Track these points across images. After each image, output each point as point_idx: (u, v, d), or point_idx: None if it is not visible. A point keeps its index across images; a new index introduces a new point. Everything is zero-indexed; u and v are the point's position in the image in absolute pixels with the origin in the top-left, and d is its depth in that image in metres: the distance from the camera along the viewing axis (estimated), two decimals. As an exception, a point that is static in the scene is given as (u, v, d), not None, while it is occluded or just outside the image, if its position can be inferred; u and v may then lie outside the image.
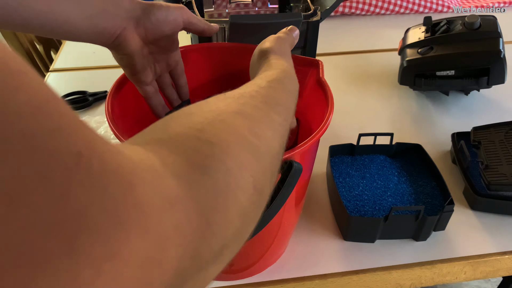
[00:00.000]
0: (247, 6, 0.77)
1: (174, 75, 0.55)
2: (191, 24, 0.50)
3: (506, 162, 0.64)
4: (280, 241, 0.56)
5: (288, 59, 0.40)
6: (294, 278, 0.56)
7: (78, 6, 0.42)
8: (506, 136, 0.69)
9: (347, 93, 0.91)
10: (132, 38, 0.47)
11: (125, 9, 0.45)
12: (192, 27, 0.51)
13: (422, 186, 0.64)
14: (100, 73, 0.98)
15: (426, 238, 0.60)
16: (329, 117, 0.46)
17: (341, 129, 0.79)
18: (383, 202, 0.62)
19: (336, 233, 0.62)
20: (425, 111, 0.86)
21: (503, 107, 0.87)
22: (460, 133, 0.74)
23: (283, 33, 0.45)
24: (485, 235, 0.61)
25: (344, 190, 0.64)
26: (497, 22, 0.83)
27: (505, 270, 0.60)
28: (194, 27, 0.51)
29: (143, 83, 0.51)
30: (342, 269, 0.57)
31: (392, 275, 0.57)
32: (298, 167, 0.40)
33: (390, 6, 1.23)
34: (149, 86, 0.52)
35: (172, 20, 0.48)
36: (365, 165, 0.68)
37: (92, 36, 0.45)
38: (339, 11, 1.22)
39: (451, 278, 0.60)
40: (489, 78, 0.80)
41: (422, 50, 0.83)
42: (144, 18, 0.47)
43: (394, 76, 0.92)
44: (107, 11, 0.44)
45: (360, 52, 1.07)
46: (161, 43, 0.50)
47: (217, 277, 0.56)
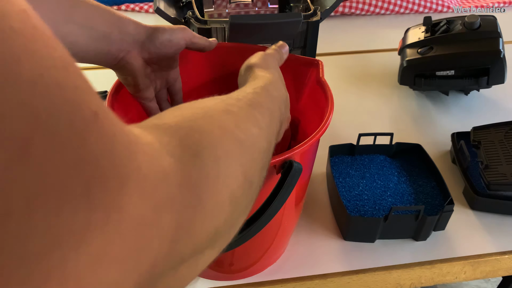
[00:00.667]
0: (247, 6, 0.77)
1: (171, 91, 0.57)
2: (193, 44, 0.52)
3: (506, 162, 0.64)
4: (280, 241, 0.56)
5: (274, 72, 0.42)
6: (294, 278, 0.56)
7: (84, 30, 0.43)
8: (506, 136, 0.69)
9: (347, 93, 0.91)
10: (136, 60, 0.48)
11: (130, 33, 0.46)
12: (194, 46, 0.52)
13: (422, 186, 0.65)
14: (100, 73, 0.98)
15: (426, 238, 0.60)
16: (329, 117, 0.46)
17: (341, 129, 0.80)
18: (383, 202, 0.62)
19: (336, 233, 0.62)
20: (425, 111, 0.86)
21: (503, 107, 0.87)
22: (460, 133, 0.74)
23: (271, 49, 0.47)
24: (485, 235, 0.62)
25: (344, 190, 0.64)
26: (497, 22, 0.83)
27: (505, 270, 0.60)
28: (196, 46, 0.52)
29: (146, 99, 0.52)
30: (342, 269, 0.57)
31: (392, 275, 0.57)
32: (298, 167, 0.40)
33: (390, 6, 1.23)
34: (152, 102, 0.53)
35: (176, 43, 0.49)
36: (365, 165, 0.68)
37: (96, 58, 0.46)
38: (339, 11, 1.22)
39: (451, 278, 0.60)
40: (489, 78, 0.80)
41: (422, 50, 0.83)
42: (149, 42, 0.48)
43: (394, 76, 0.92)
44: (112, 35, 0.45)
45: (360, 52, 1.07)
46: (163, 62, 0.51)
47: (217, 277, 0.56)
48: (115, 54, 0.46)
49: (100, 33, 0.44)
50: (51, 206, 0.13)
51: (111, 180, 0.15)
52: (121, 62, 0.47)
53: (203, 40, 0.53)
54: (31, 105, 0.13)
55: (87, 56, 0.45)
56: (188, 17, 0.70)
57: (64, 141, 0.14)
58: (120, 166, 0.16)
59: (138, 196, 0.16)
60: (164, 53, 0.49)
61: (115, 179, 0.15)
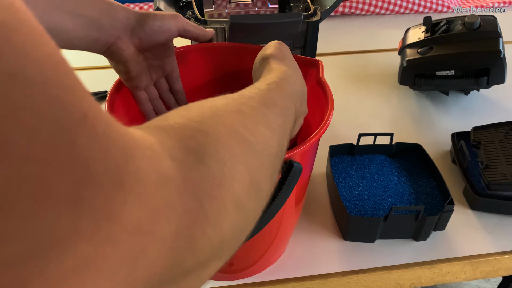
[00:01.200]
0: (247, 6, 0.77)
1: (169, 81, 0.56)
2: (187, 32, 0.51)
3: (506, 162, 0.64)
4: (280, 241, 0.56)
5: (290, 62, 0.41)
6: (294, 278, 0.56)
7: (73, 16, 0.42)
8: (506, 136, 0.69)
9: (347, 93, 0.91)
10: (126, 46, 0.47)
11: (119, 19, 0.46)
12: (188, 34, 0.51)
13: (422, 186, 0.65)
14: (100, 73, 0.98)
15: (426, 238, 0.60)
16: (329, 117, 0.46)
17: (341, 129, 0.79)
18: (383, 202, 0.62)
19: (336, 233, 0.62)
20: (425, 111, 0.86)
21: (503, 107, 0.87)
22: (460, 133, 0.74)
23: None
24: (485, 235, 0.61)
25: (344, 190, 0.64)
26: (497, 22, 0.83)
27: (505, 270, 0.60)
28: (189, 34, 0.51)
29: (137, 88, 0.51)
30: (342, 269, 0.57)
31: (392, 275, 0.57)
32: (298, 167, 0.40)
33: (390, 6, 1.23)
34: (142, 91, 0.52)
35: (167, 29, 0.49)
36: (365, 165, 0.68)
37: (86, 45, 0.45)
38: (339, 11, 1.22)
39: (451, 278, 0.60)
40: (489, 78, 0.80)
41: (422, 50, 0.83)
42: (139, 28, 0.47)
43: (394, 76, 0.92)
44: (101, 22, 0.45)
45: (360, 52, 1.07)
46: (156, 50, 0.50)
47: (217, 277, 0.56)
48: (105, 40, 0.46)
49: (89, 19, 0.44)
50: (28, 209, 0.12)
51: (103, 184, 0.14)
52: (111, 48, 0.47)
53: (198, 29, 0.52)
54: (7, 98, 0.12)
55: (77, 43, 0.45)
56: (188, 17, 0.70)
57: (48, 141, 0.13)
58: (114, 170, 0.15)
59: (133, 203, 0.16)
60: (155, 40, 0.48)
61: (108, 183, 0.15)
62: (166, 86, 0.56)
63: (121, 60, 0.48)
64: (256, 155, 0.25)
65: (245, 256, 0.54)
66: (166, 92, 0.56)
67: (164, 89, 0.56)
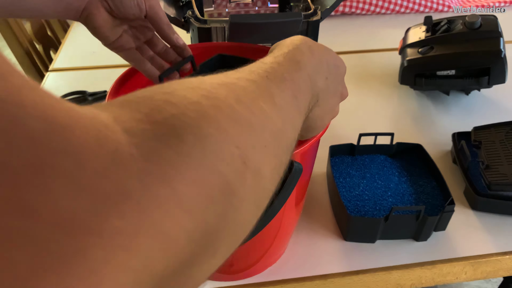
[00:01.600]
0: (247, 6, 0.77)
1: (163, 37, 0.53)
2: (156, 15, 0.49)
3: (506, 162, 0.64)
4: (280, 241, 0.56)
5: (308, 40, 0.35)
6: (294, 279, 0.56)
7: None
8: (506, 136, 0.69)
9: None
10: (98, 12, 0.47)
11: None
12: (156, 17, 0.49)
13: (423, 186, 0.64)
14: (99, 73, 0.98)
15: (427, 238, 0.60)
16: (329, 117, 0.45)
17: (341, 129, 0.79)
18: (383, 202, 0.62)
19: (336, 233, 0.61)
20: (426, 111, 0.86)
21: (503, 107, 0.87)
22: (460, 133, 0.74)
23: None
24: (485, 235, 0.61)
25: (345, 190, 0.64)
26: (497, 21, 0.83)
27: (505, 270, 0.60)
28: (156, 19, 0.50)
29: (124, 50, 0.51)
30: (342, 270, 0.57)
31: (393, 275, 0.57)
32: (299, 167, 0.40)
33: (391, 6, 1.22)
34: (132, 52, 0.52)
35: (135, 5, 0.48)
36: (366, 165, 0.68)
37: (59, 12, 0.46)
38: (339, 10, 1.22)
39: (451, 278, 0.59)
40: (489, 77, 0.80)
41: (423, 49, 0.83)
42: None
43: (394, 76, 0.92)
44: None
45: (360, 51, 1.06)
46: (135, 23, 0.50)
47: (217, 277, 0.56)
48: (75, 6, 0.46)
49: None
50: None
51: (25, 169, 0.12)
52: (84, 14, 0.47)
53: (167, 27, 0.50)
54: None
55: (50, 11, 0.45)
56: (188, 17, 0.69)
57: None
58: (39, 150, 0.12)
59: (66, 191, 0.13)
60: (125, 12, 0.48)
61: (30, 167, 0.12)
62: (160, 42, 0.54)
63: (95, 26, 0.48)
64: (252, 132, 0.21)
65: (245, 256, 0.54)
66: (161, 48, 0.55)
67: (159, 46, 0.54)
